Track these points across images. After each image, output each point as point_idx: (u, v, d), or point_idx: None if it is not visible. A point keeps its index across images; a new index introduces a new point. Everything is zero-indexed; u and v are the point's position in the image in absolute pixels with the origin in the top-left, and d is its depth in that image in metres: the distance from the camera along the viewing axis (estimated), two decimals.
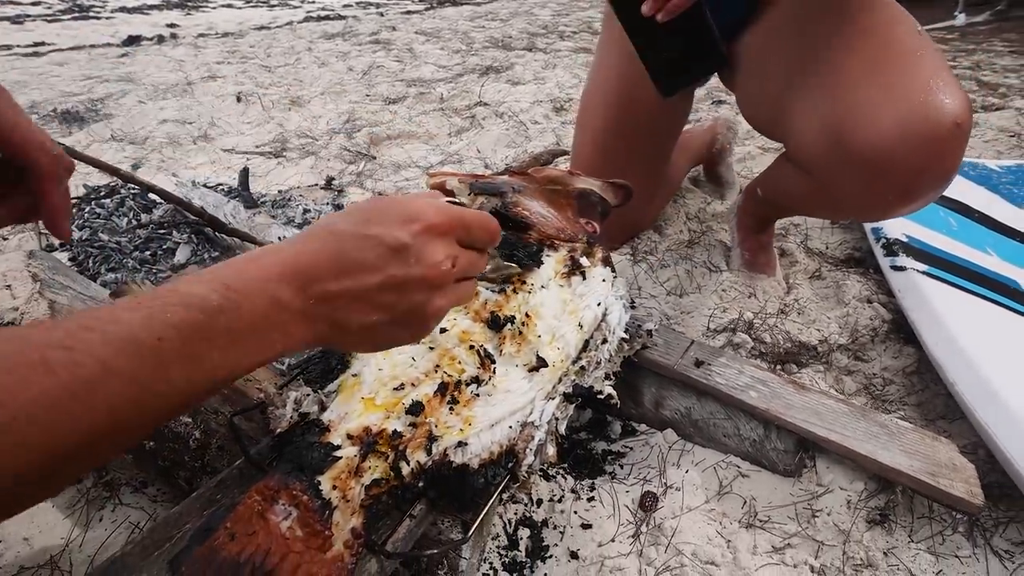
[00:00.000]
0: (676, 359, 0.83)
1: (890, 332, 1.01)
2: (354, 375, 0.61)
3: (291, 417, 0.57)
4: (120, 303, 0.33)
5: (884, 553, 0.69)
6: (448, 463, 0.56)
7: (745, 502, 0.75)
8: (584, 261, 0.77)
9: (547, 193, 0.85)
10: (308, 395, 0.59)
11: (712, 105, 2.16)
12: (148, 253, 1.25)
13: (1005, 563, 0.69)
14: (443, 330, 0.65)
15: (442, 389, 0.60)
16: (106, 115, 2.13)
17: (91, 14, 4.59)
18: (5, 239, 1.30)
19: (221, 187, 1.55)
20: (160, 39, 3.57)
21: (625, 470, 0.80)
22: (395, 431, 0.56)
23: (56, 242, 1.27)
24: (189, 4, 5.15)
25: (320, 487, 0.50)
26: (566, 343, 0.69)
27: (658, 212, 1.33)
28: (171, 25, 4.06)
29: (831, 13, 0.82)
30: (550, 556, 0.70)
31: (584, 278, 0.76)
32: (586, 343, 0.72)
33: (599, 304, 0.75)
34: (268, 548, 0.45)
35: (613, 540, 0.70)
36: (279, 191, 1.58)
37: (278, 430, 0.57)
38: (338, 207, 1.49)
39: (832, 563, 0.68)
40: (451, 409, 0.59)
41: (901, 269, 1.02)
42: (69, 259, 1.23)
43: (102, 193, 1.50)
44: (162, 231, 1.31)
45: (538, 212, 0.80)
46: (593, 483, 0.78)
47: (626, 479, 0.79)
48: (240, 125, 2.08)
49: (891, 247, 1.07)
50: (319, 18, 4.34)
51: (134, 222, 1.36)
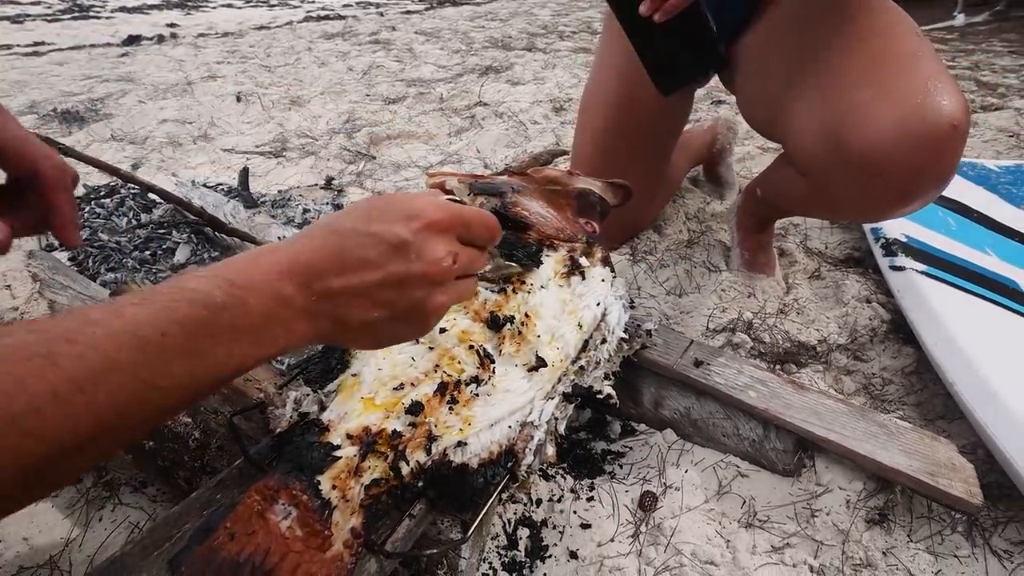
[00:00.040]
0: (675, 359, 0.83)
1: (889, 332, 1.01)
2: (354, 375, 0.61)
3: (291, 417, 0.58)
4: (125, 299, 0.34)
5: (883, 553, 0.69)
6: (448, 463, 0.56)
7: (744, 502, 0.75)
8: (583, 261, 0.77)
9: (546, 193, 0.85)
10: (308, 395, 0.60)
11: (712, 105, 2.16)
12: (148, 253, 1.25)
13: (1004, 563, 0.69)
14: (443, 330, 0.65)
15: (442, 389, 0.60)
16: (106, 115, 2.13)
17: (91, 14, 4.59)
18: None
19: (221, 187, 1.55)
20: (160, 39, 3.58)
21: (624, 470, 0.80)
22: (395, 431, 0.56)
23: (56, 242, 1.27)
24: (189, 4, 5.15)
25: (320, 487, 0.50)
26: (565, 343, 0.69)
27: (658, 212, 1.34)
28: (171, 25, 4.07)
29: (831, 14, 0.82)
30: (549, 556, 0.70)
31: (583, 278, 0.76)
32: (585, 343, 0.72)
33: (598, 304, 0.75)
34: (268, 548, 0.45)
35: (612, 540, 0.70)
36: (279, 191, 1.58)
37: (278, 430, 0.57)
38: (338, 207, 1.49)
39: (831, 563, 0.68)
40: (451, 409, 0.59)
41: (900, 269, 1.02)
42: (69, 259, 1.23)
43: (102, 193, 1.50)
44: (162, 231, 1.31)
45: (537, 212, 0.80)
46: (592, 483, 0.78)
47: (625, 479, 0.79)
48: (240, 125, 2.08)
49: (890, 247, 1.07)
50: (319, 18, 4.34)
51: (134, 222, 1.36)
